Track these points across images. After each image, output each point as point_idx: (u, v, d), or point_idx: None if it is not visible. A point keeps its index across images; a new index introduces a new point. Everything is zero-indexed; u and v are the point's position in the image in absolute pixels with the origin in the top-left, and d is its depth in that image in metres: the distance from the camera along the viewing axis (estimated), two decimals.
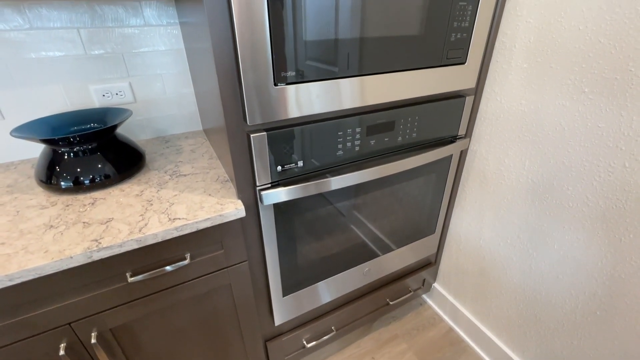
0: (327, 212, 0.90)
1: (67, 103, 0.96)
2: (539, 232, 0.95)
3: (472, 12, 0.80)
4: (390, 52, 0.74)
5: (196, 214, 0.70)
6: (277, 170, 0.74)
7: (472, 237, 1.19)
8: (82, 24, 0.90)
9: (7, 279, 0.55)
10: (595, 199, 0.80)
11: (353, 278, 1.09)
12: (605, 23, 0.70)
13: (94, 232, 0.65)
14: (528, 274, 1.02)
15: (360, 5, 0.65)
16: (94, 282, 0.66)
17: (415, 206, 1.09)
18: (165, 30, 1.00)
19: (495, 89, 0.96)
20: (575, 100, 0.79)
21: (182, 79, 1.08)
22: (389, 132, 0.86)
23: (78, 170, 0.78)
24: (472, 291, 1.26)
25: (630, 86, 0.69)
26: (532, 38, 0.84)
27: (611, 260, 0.80)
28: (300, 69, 0.65)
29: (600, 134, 0.76)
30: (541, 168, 0.90)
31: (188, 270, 0.74)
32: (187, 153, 1.00)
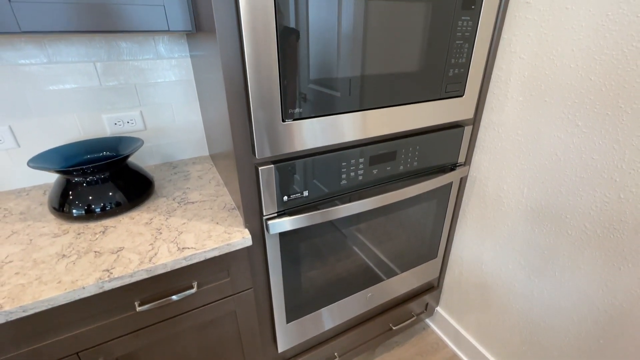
0: (331, 238, 0.92)
1: (80, 131, 1.00)
2: (539, 258, 0.97)
3: (468, 49, 0.85)
4: (392, 87, 0.78)
5: (204, 243, 0.72)
6: (284, 200, 0.77)
7: (474, 262, 1.20)
8: (99, 58, 0.95)
9: (21, 310, 0.57)
10: (594, 228, 0.82)
11: (356, 303, 1.09)
12: (595, 62, 0.74)
13: (105, 261, 0.66)
14: (530, 300, 1.03)
15: (363, 46, 0.69)
16: (103, 312, 0.67)
17: (417, 231, 1.11)
18: (176, 62, 1.05)
19: (492, 118, 1.00)
20: (569, 133, 0.82)
21: (191, 108, 1.13)
22: (391, 162, 0.89)
23: (90, 199, 0.81)
24: (475, 316, 1.26)
25: (621, 121, 0.72)
26: (526, 73, 0.88)
27: (611, 289, 0.81)
28: (307, 105, 0.68)
29: (595, 166, 0.79)
30: (539, 196, 0.93)
31: (195, 299, 0.76)
32: (194, 179, 1.02)
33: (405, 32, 0.73)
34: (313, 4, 0.60)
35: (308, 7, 0.60)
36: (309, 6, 0.60)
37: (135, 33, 0.75)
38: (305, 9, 0.60)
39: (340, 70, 0.69)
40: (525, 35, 0.86)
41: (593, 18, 0.72)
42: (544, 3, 0.80)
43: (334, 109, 0.72)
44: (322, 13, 0.62)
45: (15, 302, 0.57)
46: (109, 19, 0.69)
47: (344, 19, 0.65)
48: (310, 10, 0.60)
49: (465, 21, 0.80)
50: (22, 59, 0.86)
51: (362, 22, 0.67)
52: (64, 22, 0.66)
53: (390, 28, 0.70)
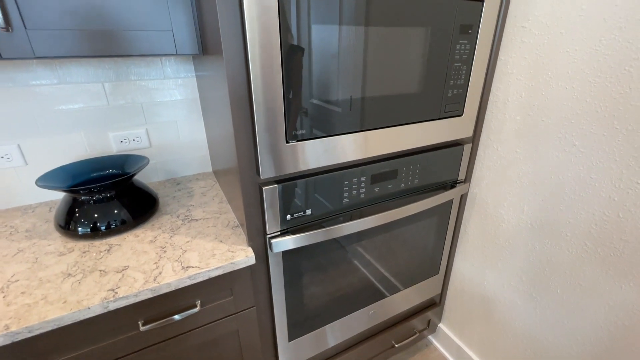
0: (333, 255, 0.92)
1: (87, 149, 1.02)
2: (541, 275, 0.97)
3: (466, 71, 0.87)
4: (392, 108, 0.80)
5: (208, 262, 0.72)
6: (287, 218, 0.78)
7: (476, 278, 1.20)
8: (107, 78, 0.98)
9: (27, 330, 0.57)
10: (594, 246, 0.83)
11: (358, 321, 1.09)
12: (590, 85, 0.76)
13: (110, 281, 0.67)
14: (533, 318, 1.02)
15: (364, 70, 0.71)
16: (107, 331, 0.67)
17: (418, 248, 1.11)
18: (182, 82, 1.07)
19: (491, 137, 1.02)
20: (567, 152, 0.84)
21: (195, 125, 1.15)
22: (392, 180, 0.90)
23: (96, 217, 0.82)
24: (478, 332, 1.25)
25: (617, 142, 0.74)
26: (524, 94, 0.90)
27: (614, 307, 0.81)
28: (310, 127, 0.70)
29: (594, 185, 0.80)
30: (539, 213, 0.93)
31: (198, 318, 0.76)
32: (198, 196, 1.04)
33: (405, 56, 0.75)
34: (316, 31, 0.63)
35: (311, 34, 0.63)
36: (311, 33, 0.63)
37: (144, 56, 0.77)
38: (308, 35, 0.62)
39: (343, 92, 0.71)
40: (522, 58, 0.88)
41: (586, 43, 0.74)
42: (539, 27, 0.83)
43: (336, 129, 0.74)
44: (325, 39, 0.64)
45: (21, 323, 0.57)
46: (120, 44, 0.72)
47: (346, 44, 0.67)
48: (313, 36, 0.63)
49: (463, 44, 0.83)
50: (33, 80, 0.89)
51: (364, 47, 0.69)
52: (77, 47, 0.69)
53: (391, 52, 0.73)
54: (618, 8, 0.68)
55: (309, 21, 0.61)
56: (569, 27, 0.77)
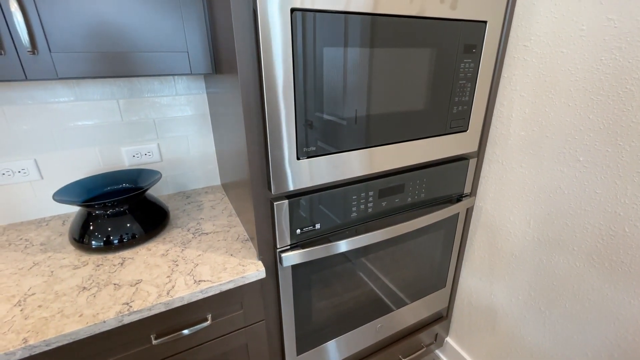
0: (342, 269, 0.93)
1: (100, 163, 1.04)
2: (549, 289, 0.97)
3: (471, 88, 0.90)
4: (399, 125, 0.82)
5: (220, 275, 0.74)
6: (296, 233, 0.79)
7: (483, 292, 1.20)
8: (122, 96, 1.01)
9: (44, 344, 0.58)
10: (601, 261, 0.83)
11: (366, 335, 1.08)
12: (592, 102, 0.78)
13: (125, 294, 0.68)
14: (542, 332, 1.02)
15: (372, 89, 0.74)
16: (119, 345, 0.68)
17: (425, 261, 1.12)
18: (193, 98, 1.11)
19: (496, 151, 1.04)
20: (571, 167, 0.85)
21: (205, 140, 1.18)
22: (400, 194, 0.92)
23: (109, 230, 0.84)
24: (485, 347, 1.24)
25: (621, 158, 0.75)
26: (527, 110, 0.92)
27: (624, 323, 0.81)
28: (321, 144, 0.72)
29: (599, 200, 0.81)
30: (546, 227, 0.94)
31: (208, 332, 0.77)
32: (207, 209, 1.05)
33: (412, 75, 0.78)
34: (327, 52, 0.65)
35: (323, 56, 0.65)
36: (323, 54, 0.65)
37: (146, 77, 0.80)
38: (321, 57, 0.65)
39: (352, 110, 0.73)
40: (525, 75, 0.91)
41: (588, 62, 0.77)
42: (541, 46, 0.85)
43: (345, 146, 0.76)
44: (336, 60, 0.67)
45: (39, 336, 0.58)
46: (137, 65, 0.75)
47: (356, 65, 0.70)
48: (325, 58, 0.66)
49: (467, 63, 0.86)
50: (52, 98, 0.93)
51: (372, 67, 0.72)
52: (98, 68, 0.72)
53: (398, 72, 0.76)
54: (617, 29, 0.71)
55: (321, 43, 0.64)
56: (570, 46, 0.79)
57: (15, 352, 0.56)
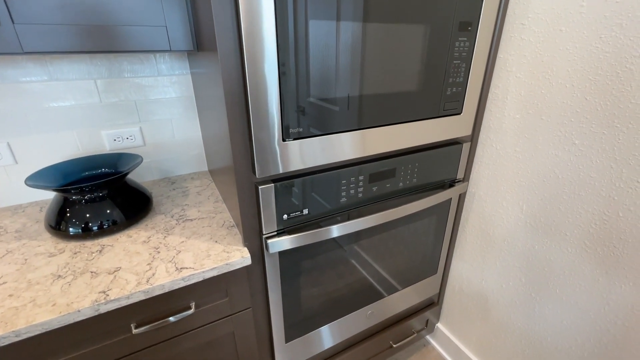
0: (331, 255, 0.91)
1: (79, 147, 0.99)
2: (540, 275, 0.96)
3: (465, 68, 0.86)
4: (391, 106, 0.78)
5: (203, 262, 0.71)
6: (283, 218, 0.76)
7: (474, 278, 1.19)
8: (100, 75, 0.95)
9: (14, 334, 0.55)
10: (594, 246, 0.82)
11: (356, 321, 1.07)
12: (590, 83, 0.75)
13: (102, 282, 0.65)
14: (532, 318, 1.02)
15: (362, 67, 0.70)
16: (98, 335, 0.65)
17: (417, 247, 1.10)
18: (177, 79, 1.05)
19: (490, 136, 1.01)
20: (566, 151, 0.83)
21: (190, 124, 1.13)
22: (391, 179, 0.89)
23: (87, 217, 0.80)
24: (476, 333, 1.24)
25: (618, 140, 0.73)
26: (523, 92, 0.89)
27: (614, 308, 0.81)
28: (307, 124, 0.69)
29: (593, 184, 0.79)
30: (538, 212, 0.93)
31: (193, 320, 0.74)
32: (193, 195, 1.02)
33: (404, 53, 0.74)
34: (313, 27, 0.61)
35: (308, 29, 0.61)
36: (308, 28, 0.61)
37: (137, 52, 0.75)
38: (305, 31, 0.61)
39: (340, 89, 0.70)
40: (521, 56, 0.87)
41: (587, 40, 0.74)
42: (539, 25, 0.82)
43: (333, 127, 0.72)
44: (322, 35, 0.63)
45: (8, 327, 0.55)
46: (112, 40, 0.70)
47: (344, 41, 0.66)
48: (310, 32, 0.61)
49: (462, 42, 0.82)
50: (23, 77, 0.87)
51: (362, 44, 0.68)
52: (68, 43, 0.67)
53: (390, 49, 0.72)
54: (618, 5, 0.67)
55: (306, 16, 0.60)
56: (569, 24, 0.76)
57: None
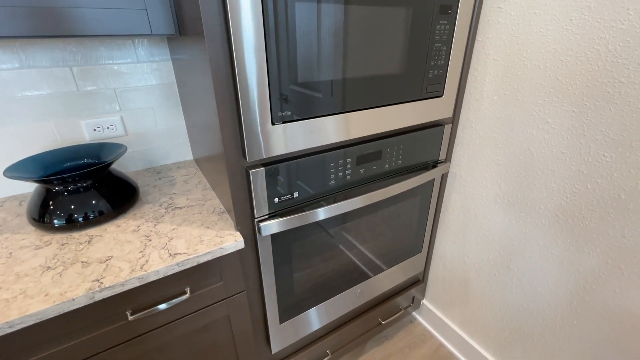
0: (321, 238, 0.93)
1: (57, 139, 0.96)
2: (517, 247, 1.03)
3: (446, 51, 0.89)
4: (376, 89, 0.80)
5: (196, 248, 0.71)
6: (274, 202, 0.77)
7: (457, 254, 1.25)
8: (75, 62, 0.92)
9: (7, 325, 0.55)
10: (565, 217, 0.88)
11: (347, 300, 1.11)
12: (561, 64, 0.79)
13: (94, 271, 0.65)
14: (510, 288, 1.09)
15: (347, 50, 0.71)
16: (93, 324, 0.65)
17: (402, 227, 1.15)
18: (157, 66, 1.03)
19: (470, 117, 1.05)
20: (540, 129, 0.88)
21: (173, 112, 1.11)
22: (377, 161, 0.91)
23: (72, 208, 0.78)
24: (459, 306, 1.32)
25: (587, 118, 0.78)
26: (500, 74, 0.93)
27: (583, 273, 0.88)
28: (295, 108, 0.70)
29: (564, 160, 0.85)
30: (515, 189, 0.98)
31: (188, 305, 0.75)
32: (180, 184, 1.01)
33: (388, 36, 0.75)
34: (300, 8, 0.62)
35: (295, 12, 0.61)
36: (295, 11, 0.61)
37: (114, 37, 0.73)
38: (293, 13, 0.61)
39: (327, 73, 0.71)
40: (498, 39, 0.91)
41: (558, 22, 0.78)
42: (514, 7, 0.85)
43: (321, 111, 0.74)
44: (309, 17, 0.63)
45: (0, 318, 0.54)
46: (88, 24, 0.67)
47: (329, 24, 0.66)
48: (297, 14, 0.62)
49: (443, 25, 0.84)
50: None
51: (347, 27, 0.69)
52: (33, 27, 0.64)
53: (374, 32, 0.73)
54: None
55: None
56: (542, 6, 0.80)
57: None
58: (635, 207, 0.75)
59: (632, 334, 0.82)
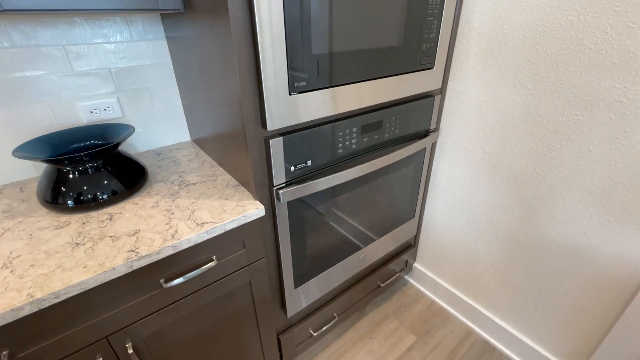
0: (330, 205, 0.99)
1: (53, 122, 0.93)
2: (500, 204, 1.15)
3: (437, 25, 0.96)
4: (379, 61, 0.86)
5: (222, 217, 0.75)
6: (291, 170, 0.82)
7: (446, 217, 1.37)
8: (68, 41, 0.89)
9: (53, 296, 0.56)
10: (543, 172, 1.00)
11: (352, 265, 1.19)
12: (539, 34, 0.89)
13: (126, 244, 0.67)
14: (494, 242, 1.22)
15: (355, 23, 0.76)
16: (129, 293, 0.68)
17: (398, 195, 1.23)
18: (152, 45, 1.01)
19: (457, 88, 1.14)
20: (521, 95, 0.98)
21: (169, 92, 1.10)
22: (378, 130, 0.98)
23: (85, 189, 0.78)
24: (449, 265, 1.44)
25: (561, 82, 0.89)
26: (484, 45, 1.02)
27: (558, 220, 1.01)
28: (310, 79, 0.74)
29: (542, 121, 0.96)
30: (499, 152, 1.09)
31: (215, 272, 0.79)
32: (185, 163, 1.02)
33: (390, 10, 0.81)
34: None
35: None
36: None
37: (107, 13, 0.71)
38: None
39: (338, 44, 0.75)
40: (482, 13, 0.99)
41: None
42: None
43: (333, 81, 0.78)
44: None
45: (44, 290, 0.56)
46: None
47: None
48: None
49: (435, 0, 0.90)
50: None
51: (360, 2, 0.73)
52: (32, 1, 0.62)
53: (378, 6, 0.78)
54: None
55: None
56: None
57: (23, 307, 0.54)
58: (601, 158, 0.87)
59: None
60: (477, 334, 1.39)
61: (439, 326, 1.43)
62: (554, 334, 1.13)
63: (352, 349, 1.34)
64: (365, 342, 1.37)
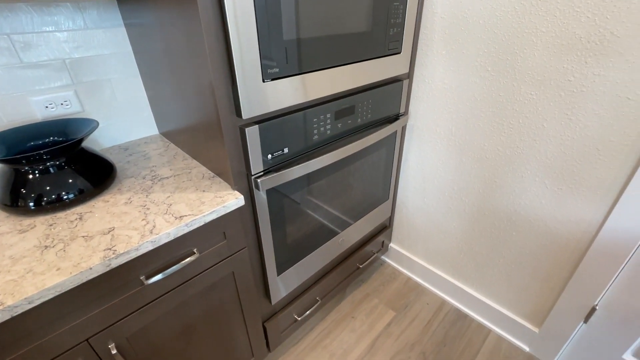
0: (308, 192, 1.01)
1: (2, 119, 0.86)
2: (467, 181, 1.22)
3: (402, 10, 0.98)
4: (349, 46, 0.87)
5: (200, 209, 0.74)
6: (268, 158, 0.82)
7: (417, 197, 1.43)
8: (13, 30, 0.81)
9: (26, 302, 0.53)
10: (504, 149, 1.08)
11: (331, 249, 1.22)
12: (496, 18, 0.94)
13: (101, 242, 0.64)
14: (463, 216, 1.30)
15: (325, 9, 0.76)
16: (108, 292, 0.66)
17: (372, 178, 1.27)
18: (110, 33, 0.95)
19: (423, 72, 1.18)
20: (482, 77, 1.04)
21: (132, 84, 1.05)
22: (351, 116, 1.00)
23: (47, 189, 0.73)
24: (422, 242, 1.52)
25: (517, 63, 0.95)
26: (447, 30, 1.06)
27: (518, 194, 1.10)
28: (283, 65, 0.73)
29: (501, 101, 1.02)
30: (464, 132, 1.16)
31: (197, 265, 0.78)
32: (156, 157, 0.98)
33: None
34: None
35: None
36: None
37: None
38: None
39: (310, 30, 0.75)
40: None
41: None
42: None
43: (306, 67, 0.78)
44: None
45: (16, 297, 0.53)
46: None
47: None
48: None
49: None
50: None
51: None
52: None
53: None
54: None
55: None
56: None
57: None
58: (554, 133, 0.95)
59: None
60: (450, 304, 1.49)
61: (415, 300, 1.52)
62: (518, 297, 1.24)
63: (335, 330, 1.39)
64: (347, 322, 1.42)
